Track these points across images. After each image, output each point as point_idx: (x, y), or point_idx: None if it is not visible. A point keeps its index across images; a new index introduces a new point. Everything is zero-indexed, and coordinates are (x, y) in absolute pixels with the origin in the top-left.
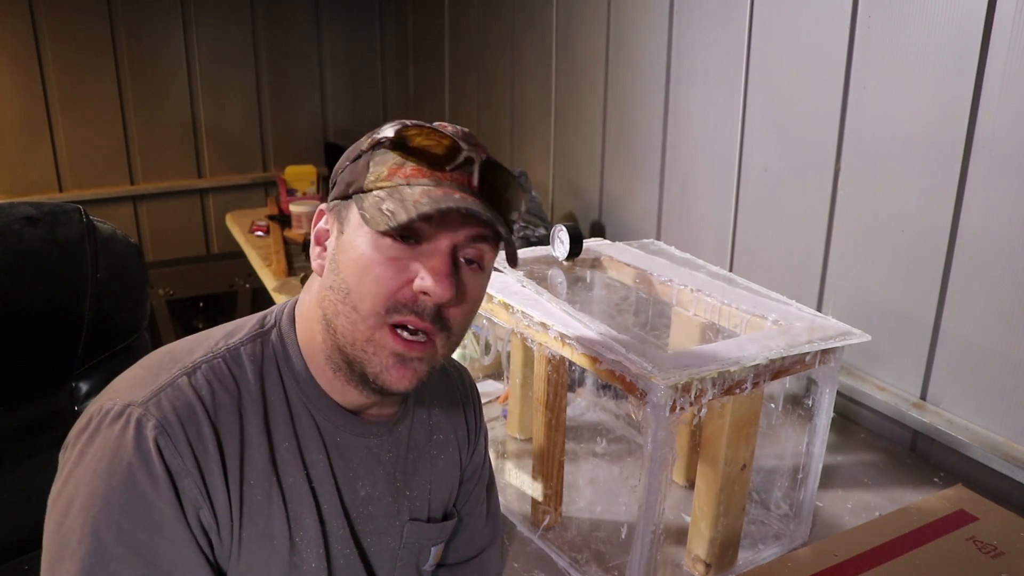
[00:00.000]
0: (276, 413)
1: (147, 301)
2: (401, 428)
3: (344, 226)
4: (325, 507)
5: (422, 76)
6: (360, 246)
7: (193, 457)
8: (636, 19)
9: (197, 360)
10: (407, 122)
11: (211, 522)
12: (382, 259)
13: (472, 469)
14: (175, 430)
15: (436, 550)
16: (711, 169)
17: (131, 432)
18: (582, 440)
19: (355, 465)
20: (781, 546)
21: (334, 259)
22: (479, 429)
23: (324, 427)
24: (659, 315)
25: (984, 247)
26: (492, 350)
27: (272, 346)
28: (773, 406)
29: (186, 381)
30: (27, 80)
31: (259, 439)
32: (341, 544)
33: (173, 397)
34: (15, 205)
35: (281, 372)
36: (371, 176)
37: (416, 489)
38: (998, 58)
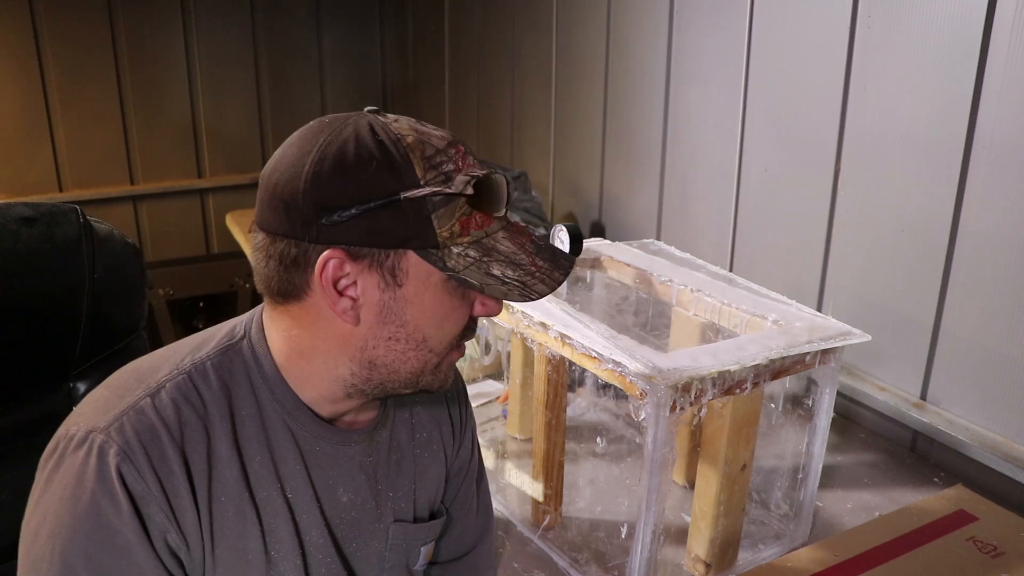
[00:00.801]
0: (247, 427)
1: (145, 301)
2: (382, 433)
3: (400, 278)
4: (303, 518)
5: (422, 76)
6: (431, 298)
7: (157, 481)
8: (636, 19)
9: (161, 379)
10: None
11: (180, 543)
12: (458, 303)
13: (459, 465)
14: (137, 455)
15: (426, 549)
16: (711, 169)
17: (93, 460)
18: (582, 440)
19: (334, 473)
20: (781, 546)
21: (391, 311)
22: (465, 424)
23: (300, 436)
24: (659, 315)
25: (984, 247)
26: (492, 350)
27: (243, 358)
28: (773, 406)
29: (149, 403)
30: (27, 80)
31: (229, 455)
32: (322, 553)
33: (136, 421)
34: (12, 205)
35: (253, 384)
36: (443, 232)
37: (400, 490)
38: (998, 58)
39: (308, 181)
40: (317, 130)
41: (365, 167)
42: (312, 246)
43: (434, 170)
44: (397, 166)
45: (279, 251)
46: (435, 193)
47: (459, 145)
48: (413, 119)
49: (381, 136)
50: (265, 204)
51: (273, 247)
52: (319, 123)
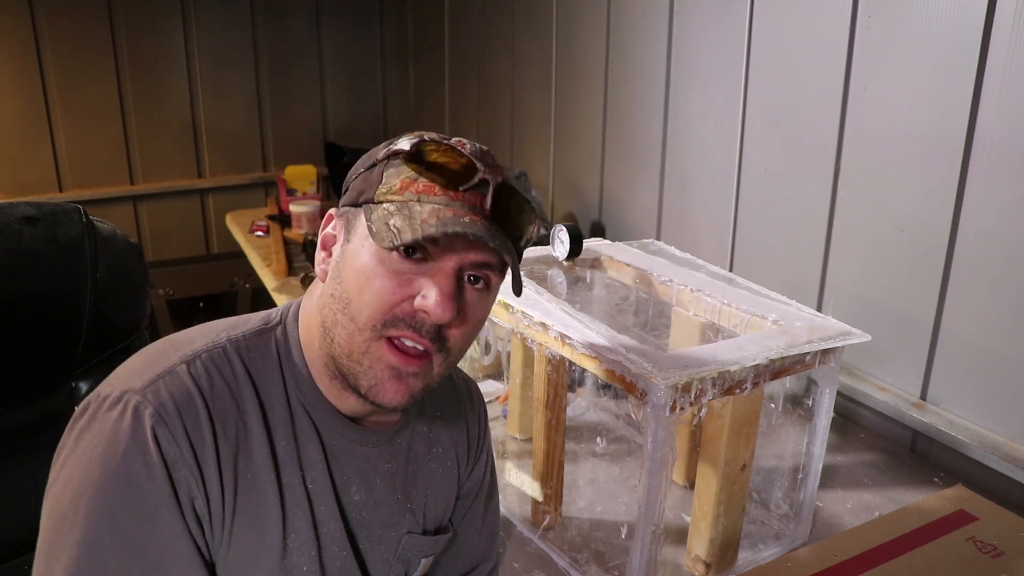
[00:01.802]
0: (275, 411)
1: (147, 301)
2: (401, 439)
3: (351, 235)
4: (321, 509)
5: (422, 76)
6: (364, 257)
7: (190, 446)
8: (636, 19)
9: (198, 349)
10: (426, 135)
11: (204, 511)
12: (385, 272)
13: (471, 485)
14: (172, 419)
15: (426, 562)
16: (711, 169)
17: (128, 419)
18: (582, 440)
19: (349, 470)
20: (781, 546)
21: (338, 267)
22: (481, 446)
23: (323, 429)
24: (659, 315)
25: (984, 247)
26: (492, 350)
27: (276, 344)
28: (773, 406)
29: (185, 369)
30: (27, 80)
31: (259, 433)
32: (338, 547)
33: (171, 385)
34: (15, 205)
35: (283, 370)
36: (383, 188)
37: (414, 500)
38: (998, 58)
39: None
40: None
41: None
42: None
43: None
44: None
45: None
46: (391, 152)
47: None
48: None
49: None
50: None
51: None
52: None
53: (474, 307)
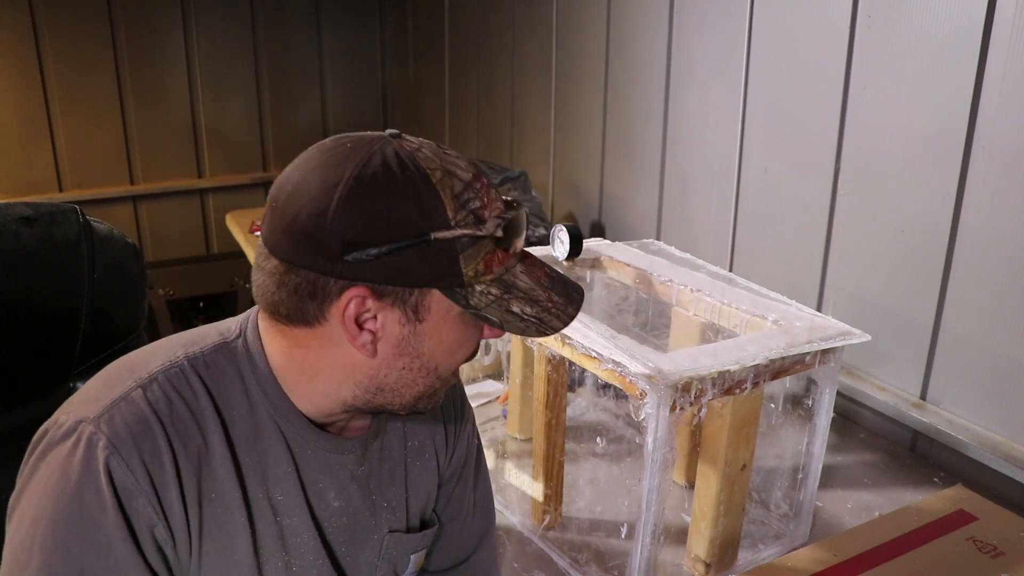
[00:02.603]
0: (239, 426)
1: (145, 301)
2: (373, 444)
3: (422, 314)
4: (292, 520)
5: (422, 76)
6: (449, 331)
7: (147, 474)
8: (636, 19)
9: (154, 371)
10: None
11: (166, 538)
12: (474, 335)
13: (452, 471)
14: (127, 447)
15: (416, 558)
16: (711, 169)
17: (81, 451)
18: (582, 440)
19: (325, 478)
20: (781, 546)
21: (407, 346)
22: (460, 429)
23: (292, 439)
24: (659, 315)
25: (984, 247)
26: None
27: (237, 357)
28: (773, 406)
29: (141, 394)
30: (27, 80)
31: (222, 451)
32: (313, 555)
33: (126, 412)
34: (11, 205)
35: (246, 384)
36: (468, 271)
37: (393, 500)
38: (998, 58)
39: (335, 216)
40: (341, 158)
41: (396, 205)
42: (335, 280)
43: (463, 209)
44: (427, 205)
45: (296, 281)
46: (465, 235)
47: (483, 178)
48: (434, 144)
49: (411, 170)
50: (282, 232)
51: (289, 276)
52: (341, 148)
53: None
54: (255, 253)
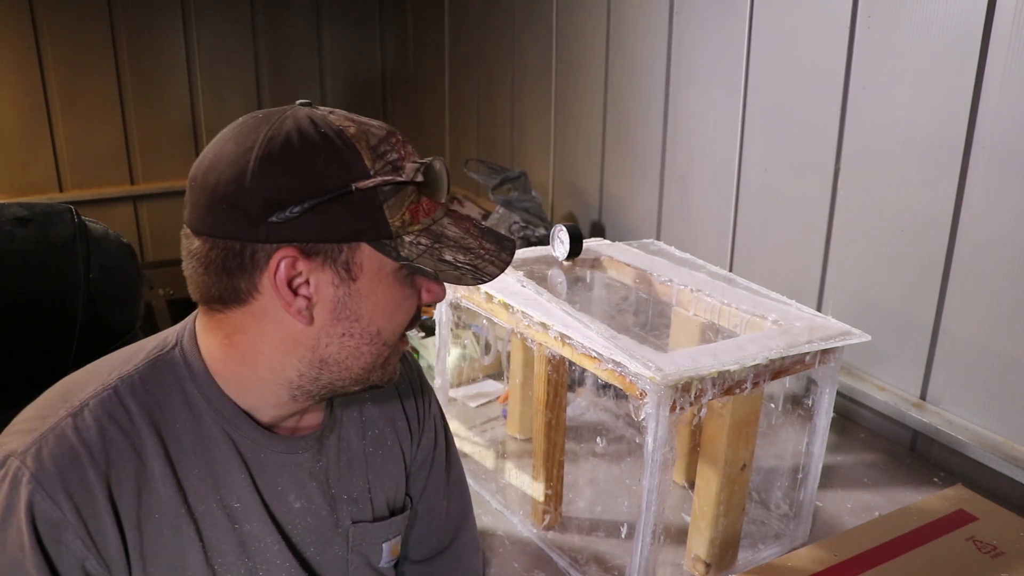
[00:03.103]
0: (182, 439)
1: (140, 300)
2: (330, 439)
3: (355, 272)
4: (252, 526)
5: (422, 76)
6: (387, 290)
7: (74, 507)
8: (636, 19)
9: (86, 398)
10: (397, 147)
11: (100, 570)
12: (410, 292)
13: (422, 457)
14: (52, 482)
15: (389, 546)
16: (711, 169)
17: (5, 487)
18: (582, 440)
19: (282, 480)
20: (781, 546)
21: (343, 308)
22: (424, 416)
23: (242, 444)
24: (659, 315)
25: (984, 247)
26: (492, 350)
27: (174, 367)
28: (773, 406)
29: (71, 423)
30: (27, 80)
31: (162, 471)
32: (280, 559)
33: (53, 445)
34: (6, 206)
35: (187, 394)
36: (395, 221)
37: (354, 491)
38: (998, 58)
39: (254, 177)
40: (253, 125)
41: (314, 159)
42: (261, 246)
43: (381, 159)
44: (345, 157)
45: (222, 255)
46: (386, 182)
47: (397, 134)
48: (345, 111)
49: (323, 128)
50: (202, 206)
51: (214, 251)
52: (252, 118)
53: None
54: (181, 243)
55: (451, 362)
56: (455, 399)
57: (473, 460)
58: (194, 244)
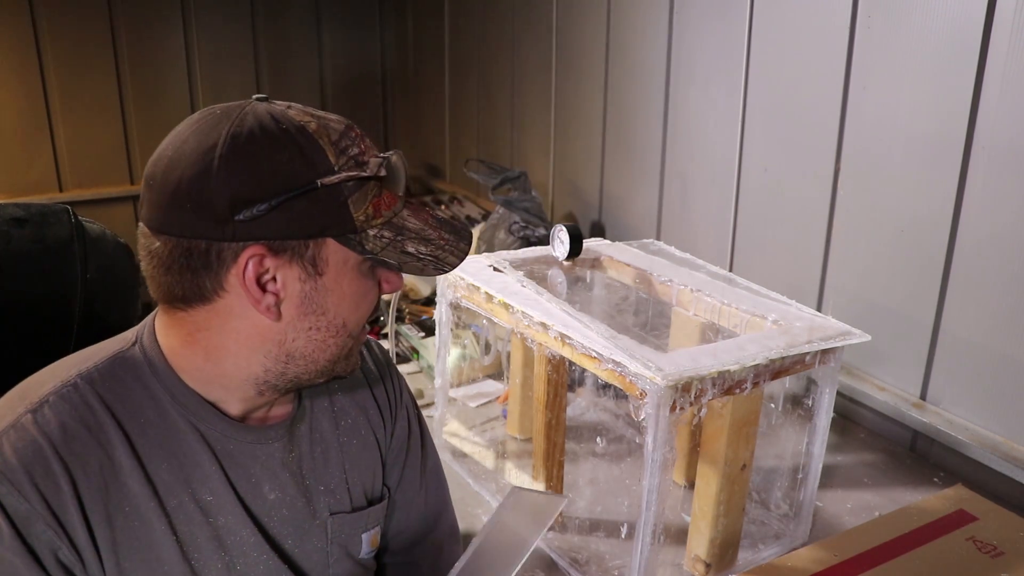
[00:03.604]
0: (148, 435)
1: (138, 300)
2: (300, 428)
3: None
4: (227, 519)
5: (422, 76)
6: (351, 283)
7: (42, 498)
8: (636, 19)
9: (45, 394)
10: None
11: (73, 560)
12: (372, 284)
13: (397, 446)
14: (17, 474)
15: (368, 536)
16: (711, 169)
17: None
18: (582, 440)
19: (255, 471)
20: (781, 546)
21: (309, 303)
22: (395, 404)
23: (211, 437)
24: (659, 315)
25: (984, 247)
26: (492, 350)
27: (135, 364)
28: (773, 406)
29: (31, 419)
30: (27, 80)
31: (130, 465)
32: (256, 552)
33: (15, 439)
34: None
35: (151, 390)
36: (360, 216)
37: (331, 482)
38: (998, 58)
39: (218, 175)
40: (213, 122)
41: (278, 156)
42: (228, 244)
43: (344, 155)
44: (308, 153)
45: (186, 254)
46: (351, 178)
47: (355, 127)
48: (301, 105)
49: (285, 124)
50: (164, 205)
51: (177, 250)
52: (210, 114)
53: None
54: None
55: (451, 362)
56: (455, 399)
57: (473, 460)
58: (155, 244)
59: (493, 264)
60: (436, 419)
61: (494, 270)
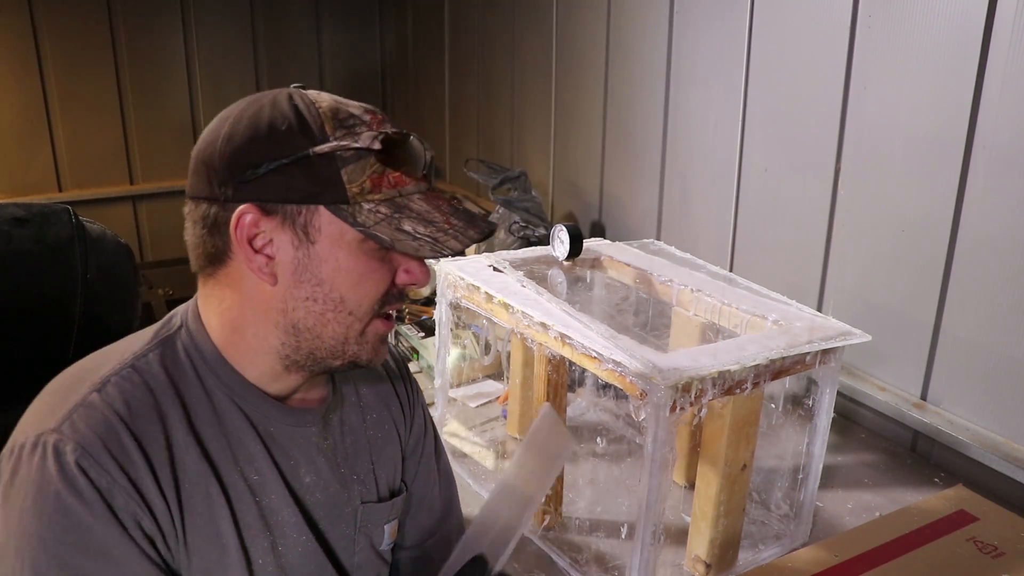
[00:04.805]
0: (200, 414)
1: (138, 301)
2: (334, 416)
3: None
4: (271, 498)
5: (422, 76)
6: (347, 257)
7: (121, 470)
8: (636, 19)
9: (105, 375)
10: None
11: (154, 530)
12: (377, 265)
13: (414, 442)
14: (95, 447)
15: (389, 528)
16: (711, 169)
17: (51, 461)
18: (582, 440)
19: (294, 454)
20: (781, 546)
21: (304, 270)
22: (413, 401)
23: (255, 418)
24: (659, 315)
25: (985, 247)
26: (492, 350)
27: (182, 345)
28: (773, 406)
29: (97, 397)
30: (27, 80)
31: (186, 441)
32: (296, 532)
33: (87, 415)
34: (3, 206)
35: (198, 370)
36: (354, 187)
37: (362, 472)
38: (998, 58)
39: (224, 141)
40: (242, 102)
41: (278, 127)
42: (230, 204)
43: (344, 129)
44: (308, 126)
45: (201, 214)
46: (343, 148)
47: (378, 113)
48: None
49: (296, 101)
50: (191, 171)
51: (196, 211)
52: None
53: None
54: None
55: (451, 362)
56: (455, 399)
57: (473, 460)
58: (187, 207)
59: (493, 264)
60: (436, 419)
61: (494, 270)
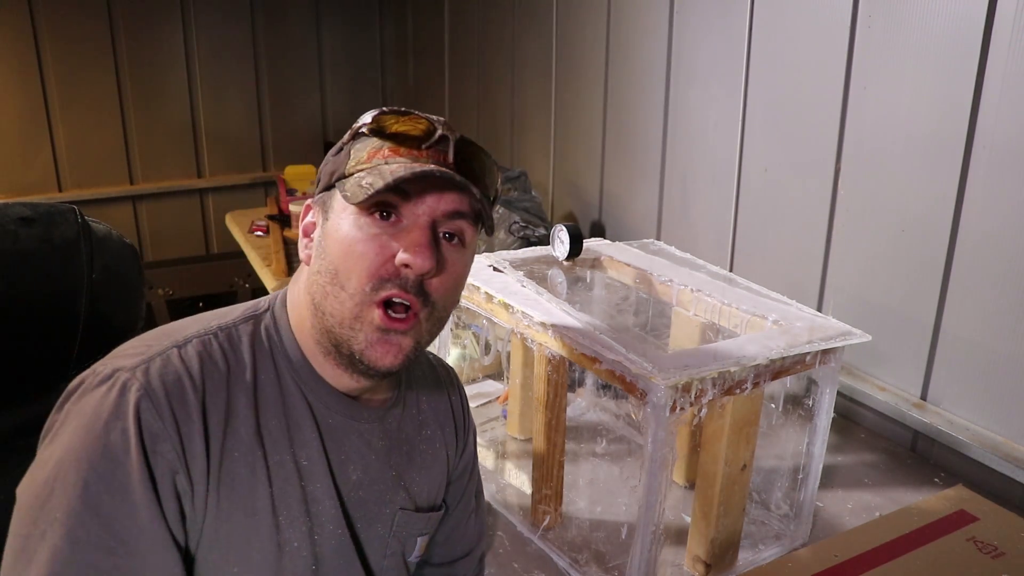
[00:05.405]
0: (266, 391)
1: (142, 301)
2: (392, 417)
3: (328, 213)
4: (315, 487)
5: (422, 76)
6: (344, 228)
7: (174, 421)
8: (636, 19)
9: (189, 335)
10: (384, 108)
11: (186, 487)
12: (364, 236)
13: (462, 469)
14: (158, 395)
15: (422, 541)
16: (711, 169)
17: (114, 394)
18: (582, 440)
19: (347, 448)
20: (781, 546)
21: (320, 245)
22: (467, 428)
23: (317, 408)
24: (659, 315)
25: (985, 247)
26: (492, 350)
27: (266, 328)
28: (773, 406)
29: (176, 353)
30: (27, 80)
31: (246, 413)
32: (333, 524)
33: (161, 366)
34: (10, 206)
35: (274, 353)
36: (352, 162)
37: (408, 479)
38: (999, 58)
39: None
40: None
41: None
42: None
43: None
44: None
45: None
46: (355, 131)
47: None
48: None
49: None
50: None
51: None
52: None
53: (453, 261)
54: None
55: (451, 362)
56: None
57: None
58: None
59: (493, 264)
60: None
61: (494, 270)
